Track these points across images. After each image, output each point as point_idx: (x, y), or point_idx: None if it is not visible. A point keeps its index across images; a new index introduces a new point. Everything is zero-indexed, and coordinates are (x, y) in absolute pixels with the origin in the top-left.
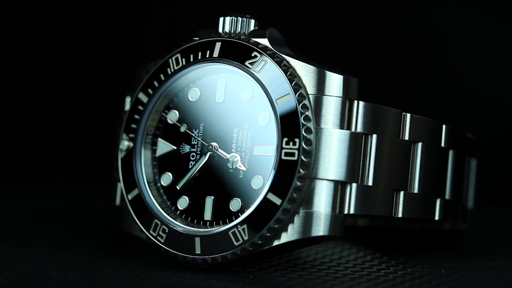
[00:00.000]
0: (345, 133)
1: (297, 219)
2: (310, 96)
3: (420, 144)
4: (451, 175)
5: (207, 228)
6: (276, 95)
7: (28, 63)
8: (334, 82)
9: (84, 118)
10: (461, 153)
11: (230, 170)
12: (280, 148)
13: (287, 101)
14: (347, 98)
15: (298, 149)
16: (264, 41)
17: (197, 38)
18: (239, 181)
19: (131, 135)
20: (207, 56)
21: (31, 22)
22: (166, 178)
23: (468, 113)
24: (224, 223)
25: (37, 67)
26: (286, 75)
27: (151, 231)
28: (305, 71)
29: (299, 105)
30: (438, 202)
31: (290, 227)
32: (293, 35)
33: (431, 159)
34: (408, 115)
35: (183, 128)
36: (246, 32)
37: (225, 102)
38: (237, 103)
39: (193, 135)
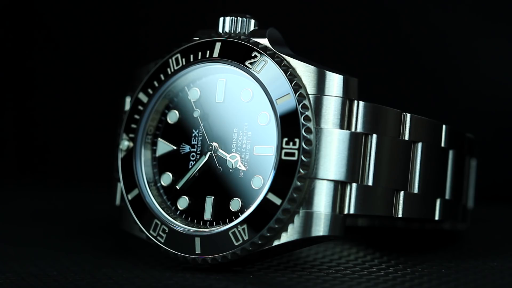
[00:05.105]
0: (345, 133)
1: (297, 219)
2: (310, 96)
3: (420, 144)
4: (451, 175)
5: (207, 228)
6: (276, 95)
7: (29, 63)
8: (334, 82)
9: (84, 118)
10: (461, 153)
11: (230, 170)
12: (280, 148)
13: (287, 101)
14: (347, 98)
15: (298, 149)
16: (264, 41)
17: (197, 38)
18: (239, 181)
19: (131, 135)
20: (207, 56)
21: (32, 22)
22: (166, 178)
23: (468, 113)
24: (224, 223)
25: (37, 67)
26: (286, 75)
27: (151, 231)
28: (305, 71)
29: (299, 105)
30: (438, 202)
31: (290, 227)
32: (293, 35)
33: (431, 159)
34: (408, 115)
35: (196, 114)
36: (246, 32)
37: (225, 102)
38: (237, 103)
39: (201, 124)
